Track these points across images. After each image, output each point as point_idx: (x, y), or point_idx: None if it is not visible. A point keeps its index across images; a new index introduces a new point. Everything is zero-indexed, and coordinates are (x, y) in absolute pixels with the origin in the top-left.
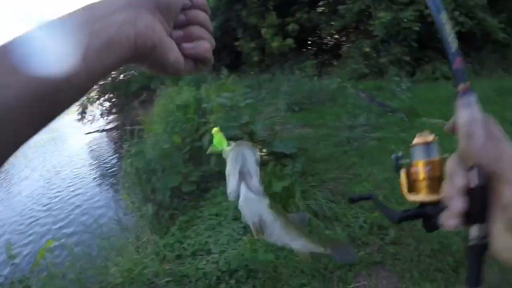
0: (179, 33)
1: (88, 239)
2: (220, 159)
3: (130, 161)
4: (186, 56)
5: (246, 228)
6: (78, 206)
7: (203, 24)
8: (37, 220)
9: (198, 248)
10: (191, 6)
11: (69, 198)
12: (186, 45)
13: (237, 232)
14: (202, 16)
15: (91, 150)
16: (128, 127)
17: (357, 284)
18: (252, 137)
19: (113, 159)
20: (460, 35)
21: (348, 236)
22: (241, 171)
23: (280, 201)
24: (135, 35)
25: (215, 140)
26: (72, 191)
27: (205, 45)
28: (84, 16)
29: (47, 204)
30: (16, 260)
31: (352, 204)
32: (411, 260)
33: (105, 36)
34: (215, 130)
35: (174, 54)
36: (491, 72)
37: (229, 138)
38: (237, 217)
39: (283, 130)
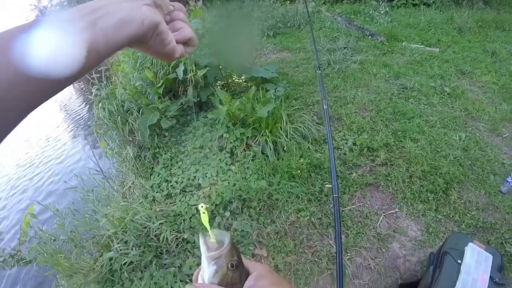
0: (167, 26)
1: (71, 195)
2: (197, 89)
3: (101, 105)
4: (176, 42)
5: (233, 157)
6: (54, 163)
7: (183, 19)
8: (11, 187)
9: (186, 185)
10: (174, 9)
11: (43, 157)
12: (173, 34)
13: (225, 162)
14: (182, 14)
15: (60, 105)
16: (96, 74)
17: (353, 206)
18: (228, 63)
19: (84, 109)
20: None
21: (338, 158)
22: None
23: (267, 126)
24: (142, 17)
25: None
26: (44, 148)
27: (187, 30)
28: (97, 4)
29: (21, 165)
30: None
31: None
32: (403, 181)
33: (119, 16)
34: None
35: (170, 37)
36: (471, 3)
37: (206, 65)
38: (223, 147)
39: (260, 55)
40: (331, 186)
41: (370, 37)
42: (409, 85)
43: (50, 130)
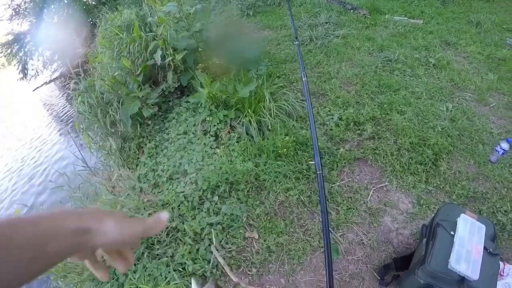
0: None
1: (58, 194)
2: (177, 74)
3: (80, 98)
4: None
5: (218, 140)
6: (39, 164)
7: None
8: None
9: (173, 172)
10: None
11: (29, 159)
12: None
13: (210, 146)
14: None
15: (43, 105)
16: (74, 69)
17: (342, 182)
18: (208, 45)
19: (67, 105)
20: None
21: (325, 134)
22: None
23: (250, 106)
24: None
25: None
26: (30, 153)
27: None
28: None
29: (6, 170)
30: None
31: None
32: (392, 154)
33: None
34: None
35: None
36: None
37: (184, 49)
38: (207, 130)
39: (241, 35)
40: (314, 163)
41: (352, 11)
42: (393, 58)
43: (33, 130)
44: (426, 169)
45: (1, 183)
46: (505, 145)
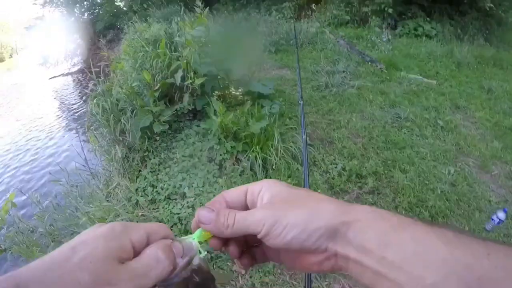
0: None
1: (55, 188)
2: (193, 97)
3: (96, 101)
4: None
5: (221, 170)
6: (42, 154)
7: None
8: None
9: (172, 192)
10: None
11: (32, 148)
12: None
13: (213, 174)
14: None
15: (56, 95)
16: (95, 69)
17: None
18: (228, 75)
19: (79, 102)
20: None
21: (326, 182)
22: None
23: (258, 143)
24: None
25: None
26: (34, 139)
27: None
28: None
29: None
30: None
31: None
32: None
33: None
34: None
35: None
36: (472, 38)
37: (204, 75)
38: (212, 158)
39: (260, 70)
40: None
41: (370, 63)
42: (403, 115)
43: (42, 120)
44: None
45: (3, 165)
46: (501, 215)
